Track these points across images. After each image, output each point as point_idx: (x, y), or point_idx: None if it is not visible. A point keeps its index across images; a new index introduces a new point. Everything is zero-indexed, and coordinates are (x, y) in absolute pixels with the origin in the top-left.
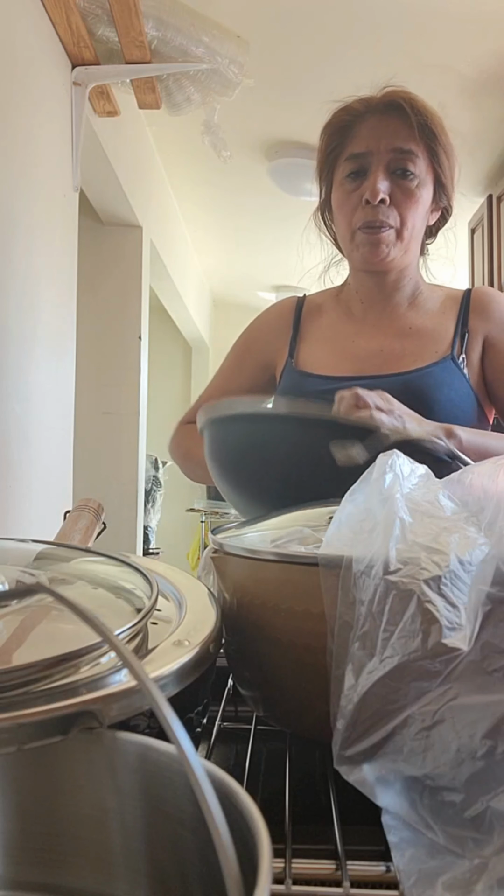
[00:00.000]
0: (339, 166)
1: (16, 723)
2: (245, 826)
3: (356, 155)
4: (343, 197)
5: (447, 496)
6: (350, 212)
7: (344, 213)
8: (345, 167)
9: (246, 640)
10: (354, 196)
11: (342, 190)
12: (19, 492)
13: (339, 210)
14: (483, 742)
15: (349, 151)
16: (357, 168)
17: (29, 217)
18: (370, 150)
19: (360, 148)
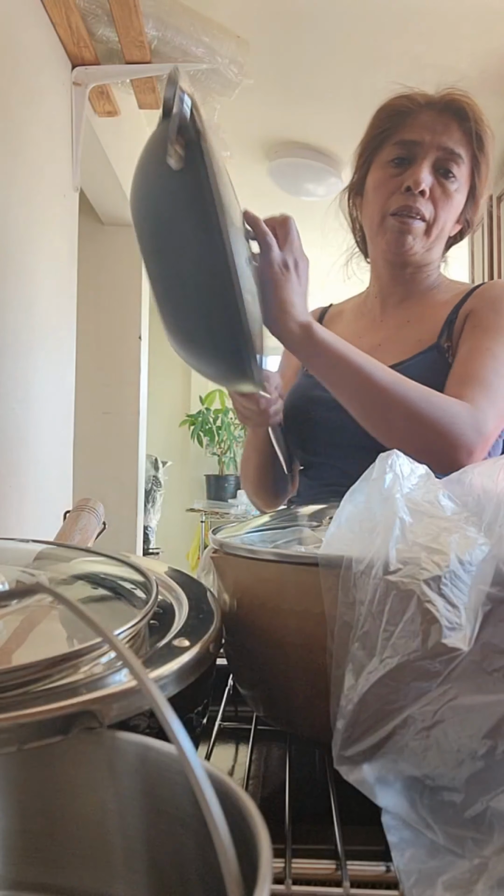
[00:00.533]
0: (384, 149)
1: (16, 723)
2: (245, 826)
3: (407, 142)
4: (383, 179)
5: (447, 496)
6: (386, 195)
7: (380, 194)
8: (391, 151)
9: (246, 641)
10: (394, 181)
11: (384, 172)
12: (19, 492)
13: (376, 191)
14: (483, 742)
15: (400, 137)
16: (404, 155)
17: (29, 217)
18: (422, 142)
19: (412, 136)
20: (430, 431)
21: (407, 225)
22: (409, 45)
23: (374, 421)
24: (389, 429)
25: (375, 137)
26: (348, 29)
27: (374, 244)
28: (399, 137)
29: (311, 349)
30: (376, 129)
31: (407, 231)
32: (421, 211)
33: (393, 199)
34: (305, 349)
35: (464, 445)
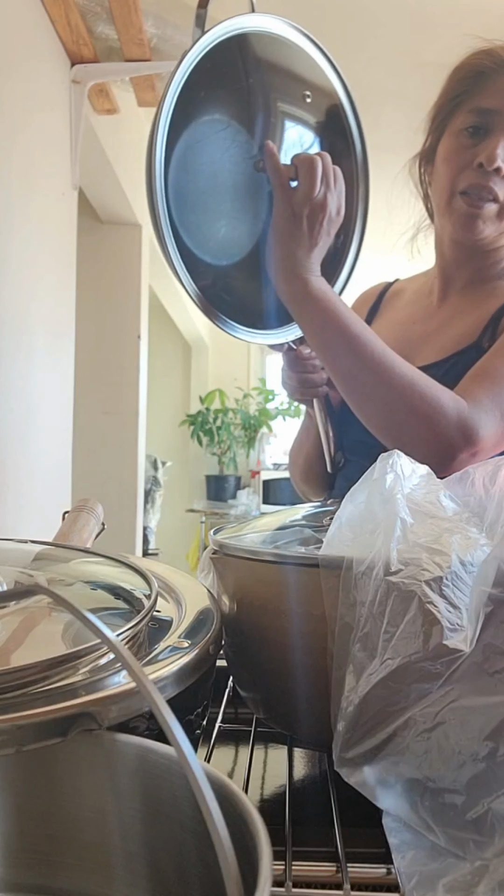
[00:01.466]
0: (458, 115)
1: (15, 724)
2: (245, 828)
3: (483, 110)
4: (455, 149)
5: (448, 496)
6: (457, 169)
7: (450, 167)
8: (466, 118)
9: (246, 642)
10: (468, 154)
11: (456, 142)
12: (18, 492)
13: (446, 163)
14: (484, 744)
15: (476, 103)
16: (480, 123)
17: (28, 215)
18: (500, 110)
19: (489, 103)
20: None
21: (478, 207)
22: (409, 44)
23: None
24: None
25: (450, 101)
26: (348, 27)
27: (440, 222)
28: (475, 104)
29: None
30: (451, 92)
31: (477, 214)
32: (494, 191)
33: (464, 176)
34: (296, 306)
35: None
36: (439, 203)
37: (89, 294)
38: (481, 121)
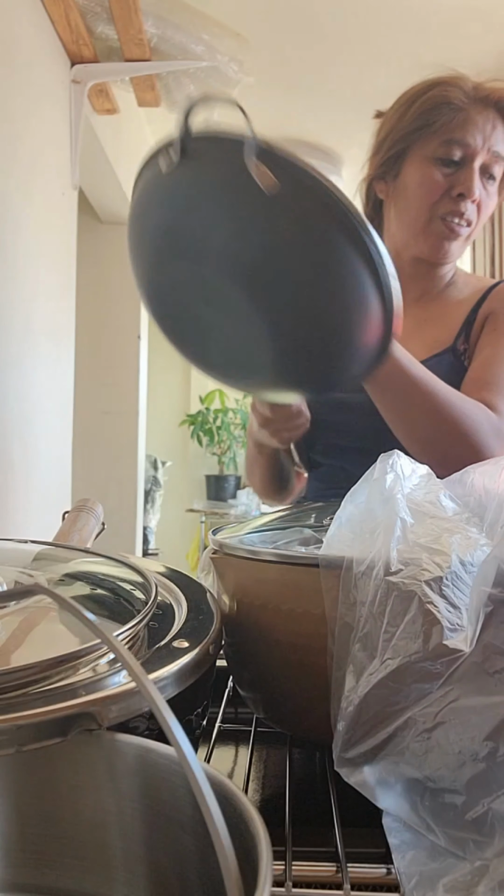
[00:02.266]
0: (430, 142)
1: (14, 724)
2: (245, 828)
3: (458, 142)
4: (430, 177)
5: (448, 496)
6: (435, 196)
7: (428, 193)
8: (440, 148)
9: (246, 642)
10: (444, 182)
11: (432, 170)
12: (18, 492)
13: (422, 188)
14: (484, 744)
15: (450, 135)
16: (455, 156)
17: (28, 215)
18: (473, 144)
19: (464, 136)
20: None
21: (456, 232)
22: (410, 45)
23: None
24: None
25: (420, 128)
26: (349, 27)
27: (408, 241)
28: (450, 135)
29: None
30: (420, 119)
31: (452, 237)
32: (469, 217)
33: (443, 202)
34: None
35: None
36: (411, 223)
37: (89, 294)
38: (456, 153)
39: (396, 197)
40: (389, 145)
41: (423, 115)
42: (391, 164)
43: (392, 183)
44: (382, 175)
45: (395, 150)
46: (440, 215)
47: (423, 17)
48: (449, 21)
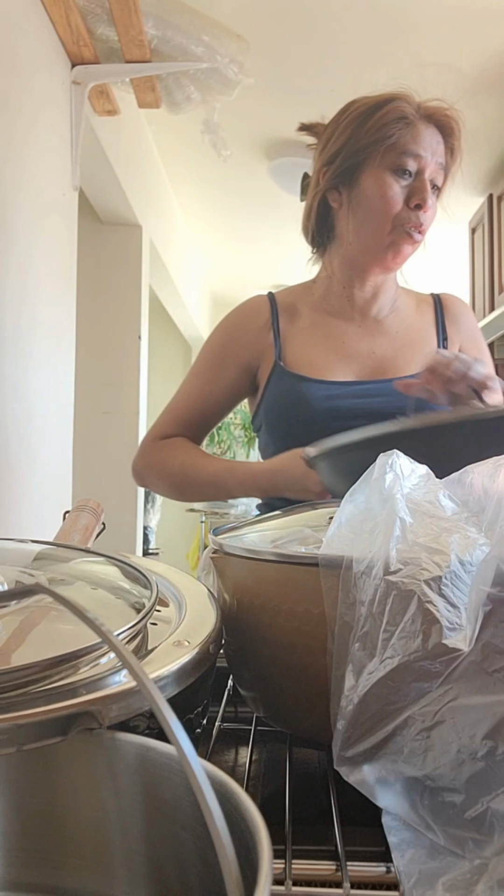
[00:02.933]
0: (388, 153)
1: (15, 724)
2: (245, 827)
3: (413, 154)
4: (390, 189)
5: (448, 496)
6: (395, 207)
7: (387, 204)
8: (398, 159)
9: (246, 641)
10: (402, 192)
11: (391, 180)
12: (19, 492)
13: (381, 200)
14: (483, 743)
15: (406, 147)
16: (410, 168)
17: (28, 216)
18: (425, 157)
19: (418, 150)
20: None
21: (414, 240)
22: (409, 45)
23: None
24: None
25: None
26: (349, 28)
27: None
28: (405, 148)
29: None
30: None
31: (411, 247)
32: (424, 226)
33: (402, 213)
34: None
35: None
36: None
37: (90, 294)
38: (412, 165)
39: (354, 207)
40: (345, 157)
41: (381, 128)
42: (346, 175)
43: (347, 193)
44: (336, 185)
45: (351, 162)
46: (401, 225)
47: (423, 18)
48: (449, 22)
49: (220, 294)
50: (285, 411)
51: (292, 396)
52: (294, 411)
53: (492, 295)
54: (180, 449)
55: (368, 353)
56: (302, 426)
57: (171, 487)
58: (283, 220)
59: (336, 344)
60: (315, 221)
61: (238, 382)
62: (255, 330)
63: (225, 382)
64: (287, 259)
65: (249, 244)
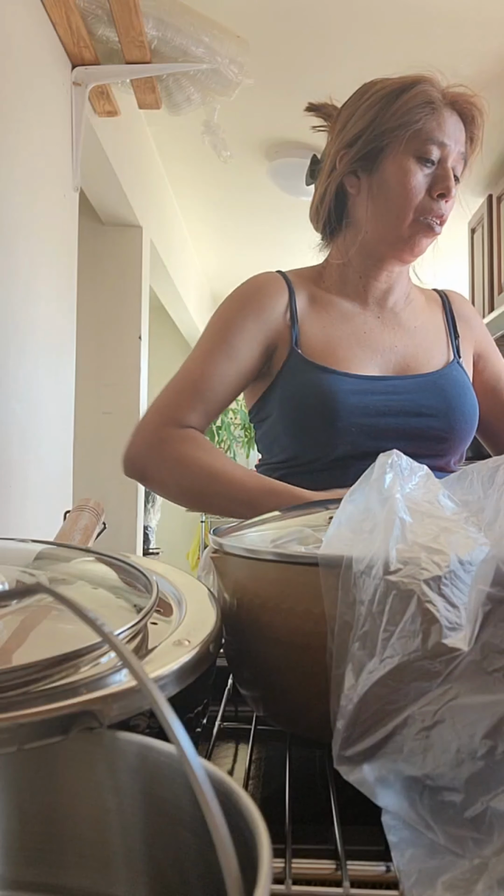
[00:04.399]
0: (411, 141)
1: (16, 723)
2: (245, 826)
3: (439, 142)
4: (414, 177)
5: (447, 496)
6: (418, 196)
7: (410, 193)
8: (424, 146)
9: (246, 640)
10: (426, 181)
11: (416, 168)
12: (19, 492)
13: (403, 188)
14: (483, 742)
15: (432, 134)
16: (435, 156)
17: (29, 217)
18: (449, 145)
19: (443, 137)
20: None
21: (434, 231)
22: (409, 45)
23: None
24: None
25: (405, 125)
26: (349, 29)
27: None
28: (430, 135)
29: None
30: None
31: (433, 236)
32: (445, 217)
33: (424, 202)
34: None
35: None
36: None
37: (90, 295)
38: (437, 153)
39: (375, 194)
40: (366, 140)
41: (407, 112)
42: (367, 160)
43: (366, 179)
44: (355, 170)
45: (373, 146)
46: (425, 216)
47: (423, 18)
48: (449, 22)
49: (220, 294)
50: (307, 405)
51: (316, 389)
52: (317, 406)
53: (491, 295)
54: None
55: (390, 346)
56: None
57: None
58: (282, 220)
59: (358, 334)
60: (329, 207)
61: (255, 364)
62: (274, 307)
63: (242, 362)
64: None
65: (249, 244)
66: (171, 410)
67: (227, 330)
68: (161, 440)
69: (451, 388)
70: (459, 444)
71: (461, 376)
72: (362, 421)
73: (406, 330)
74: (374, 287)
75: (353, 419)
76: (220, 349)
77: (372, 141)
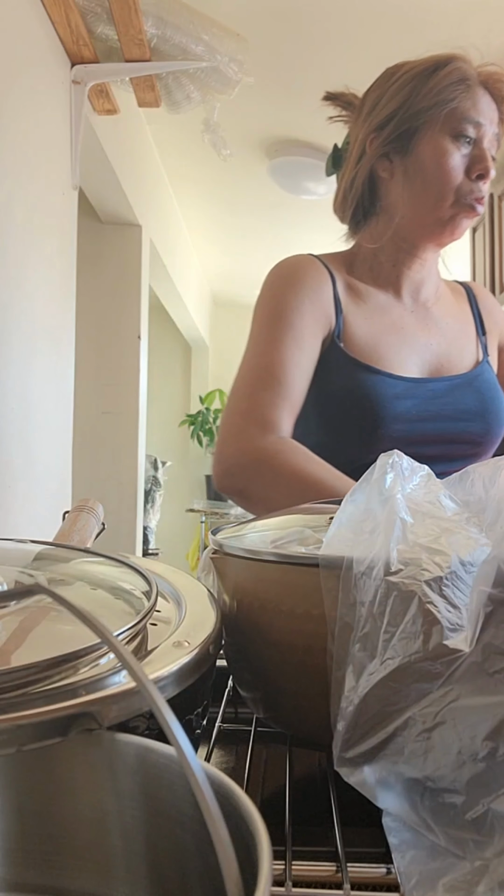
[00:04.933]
0: (447, 121)
1: (15, 724)
2: (245, 828)
3: (475, 122)
4: (451, 157)
5: (448, 496)
6: (457, 177)
7: (449, 174)
8: (460, 125)
9: (246, 642)
10: (463, 161)
11: (450, 149)
12: (18, 492)
13: (440, 169)
14: (484, 744)
15: (467, 112)
16: (473, 134)
17: (28, 216)
18: (485, 124)
19: (478, 116)
20: None
21: (475, 212)
22: (410, 44)
23: None
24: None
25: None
26: (349, 27)
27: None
28: (466, 113)
29: None
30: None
31: (474, 217)
32: (484, 198)
33: (464, 183)
34: None
35: None
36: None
37: (89, 294)
38: (473, 132)
39: (411, 177)
40: (399, 122)
41: (442, 91)
42: (400, 141)
43: (400, 162)
44: (387, 153)
45: (406, 126)
46: (465, 198)
47: (423, 18)
48: (450, 21)
49: (220, 294)
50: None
51: (359, 389)
52: (358, 408)
53: (492, 294)
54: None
55: (426, 344)
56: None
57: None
58: (283, 219)
59: (398, 330)
60: (360, 194)
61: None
62: (323, 290)
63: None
64: None
65: (249, 243)
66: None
67: (285, 313)
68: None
69: (486, 391)
70: (492, 446)
71: (492, 376)
72: (402, 427)
73: (439, 327)
74: (408, 277)
75: (395, 425)
76: (287, 334)
77: (405, 122)
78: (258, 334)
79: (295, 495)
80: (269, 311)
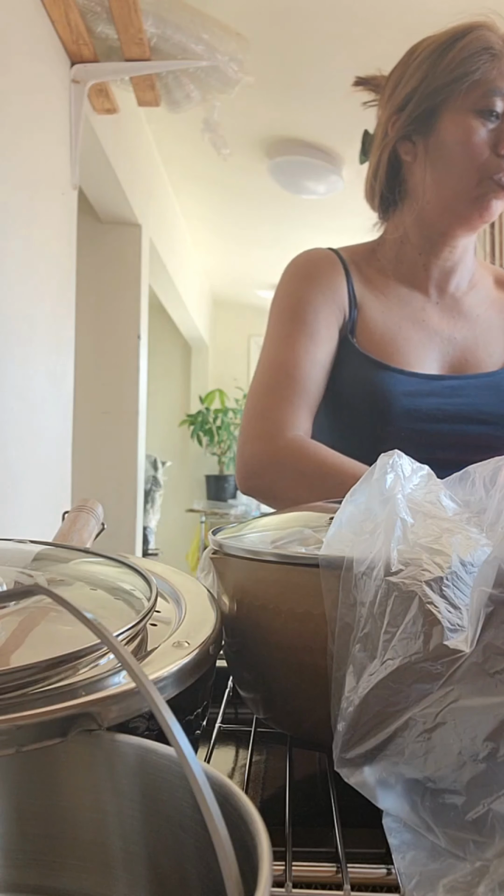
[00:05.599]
0: (470, 94)
1: (14, 725)
2: (245, 829)
3: (503, 93)
4: (475, 133)
5: (449, 497)
6: (482, 154)
7: (473, 152)
8: (483, 100)
9: (246, 642)
10: (489, 137)
11: (474, 125)
12: (18, 492)
13: (464, 147)
14: (485, 744)
15: (494, 85)
16: (497, 108)
17: (27, 215)
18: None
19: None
20: None
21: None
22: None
23: None
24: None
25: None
26: (348, 26)
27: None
28: (492, 85)
29: None
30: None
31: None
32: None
33: (491, 161)
34: None
35: None
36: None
37: (89, 294)
38: (499, 103)
39: (433, 158)
40: (419, 100)
41: (462, 62)
42: (421, 121)
43: (422, 142)
44: (409, 135)
45: (427, 105)
46: (488, 174)
47: (422, 15)
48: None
49: (220, 293)
50: (357, 401)
51: (369, 387)
52: (367, 405)
53: None
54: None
55: (448, 337)
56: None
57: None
58: (283, 218)
59: (416, 322)
60: (384, 179)
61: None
62: (338, 285)
63: (324, 344)
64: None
65: (249, 243)
66: (274, 412)
67: (299, 309)
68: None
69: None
70: None
71: None
72: (414, 426)
73: (467, 319)
74: (436, 266)
75: (405, 424)
76: (302, 331)
77: (425, 100)
78: (273, 332)
79: (318, 488)
80: (283, 308)
